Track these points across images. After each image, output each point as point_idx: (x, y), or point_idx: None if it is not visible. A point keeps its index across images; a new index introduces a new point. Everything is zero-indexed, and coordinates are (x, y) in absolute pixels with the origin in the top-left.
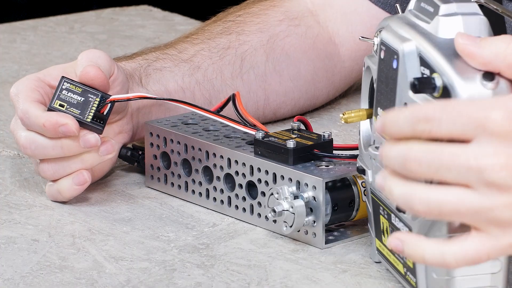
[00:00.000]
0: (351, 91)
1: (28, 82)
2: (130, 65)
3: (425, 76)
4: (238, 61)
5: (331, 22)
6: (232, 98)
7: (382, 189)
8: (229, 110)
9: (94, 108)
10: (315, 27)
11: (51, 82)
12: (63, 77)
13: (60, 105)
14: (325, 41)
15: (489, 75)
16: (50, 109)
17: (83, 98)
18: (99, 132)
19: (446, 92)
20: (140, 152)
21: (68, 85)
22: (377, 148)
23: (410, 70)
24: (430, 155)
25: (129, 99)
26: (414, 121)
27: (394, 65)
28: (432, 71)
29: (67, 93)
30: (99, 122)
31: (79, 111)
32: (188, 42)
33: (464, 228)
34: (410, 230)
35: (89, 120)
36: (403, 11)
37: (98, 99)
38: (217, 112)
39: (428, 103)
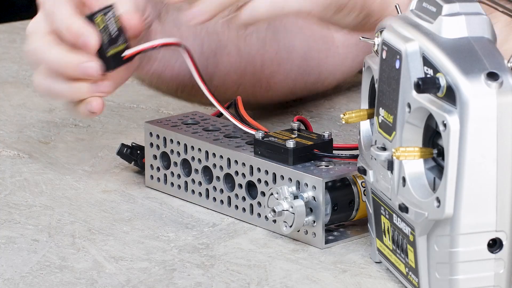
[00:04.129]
0: (343, 89)
1: None
2: None
3: (428, 76)
4: None
5: None
6: (234, 103)
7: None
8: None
9: (116, 50)
10: None
11: None
12: (113, 5)
13: (98, 23)
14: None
15: (493, 75)
16: (89, 17)
17: (116, 33)
18: (107, 69)
19: (450, 92)
20: (138, 152)
21: (113, 15)
22: (379, 148)
23: (413, 70)
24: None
25: (140, 52)
26: None
27: (397, 65)
28: (436, 71)
29: (109, 20)
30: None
31: (107, 40)
32: None
33: None
34: (413, 230)
35: (108, 55)
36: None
37: (123, 47)
38: (218, 116)
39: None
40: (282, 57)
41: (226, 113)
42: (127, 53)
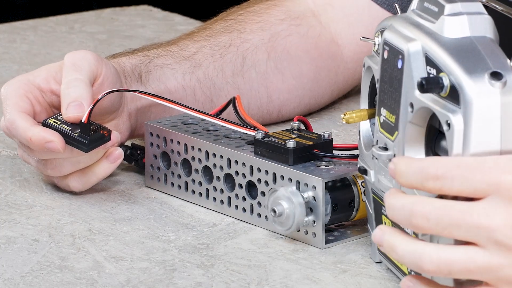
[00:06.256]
0: (353, 92)
1: (17, 86)
2: (130, 62)
3: (432, 75)
4: (240, 59)
5: (333, 23)
6: (233, 102)
7: (380, 244)
8: (231, 112)
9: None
10: (317, 27)
11: (40, 85)
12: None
13: (54, 122)
14: (328, 42)
15: (497, 74)
16: (44, 123)
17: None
18: (85, 146)
19: (453, 92)
20: (138, 152)
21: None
22: (380, 148)
23: (416, 70)
24: (439, 212)
25: (91, 110)
26: (424, 176)
27: (399, 65)
28: (439, 70)
29: (61, 118)
30: (86, 136)
31: (70, 128)
32: (189, 39)
33: None
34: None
35: (76, 135)
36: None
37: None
38: (217, 115)
39: (439, 160)
40: (291, 84)
41: (220, 122)
42: (85, 116)
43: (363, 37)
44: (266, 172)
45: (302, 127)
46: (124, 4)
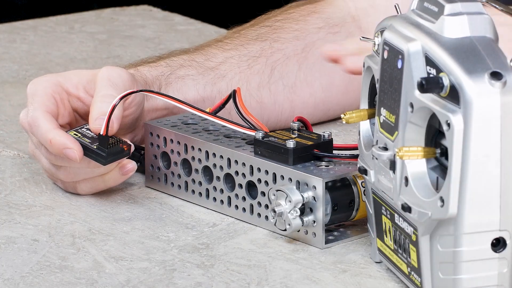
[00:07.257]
0: None
1: (46, 85)
2: (151, 73)
3: (432, 75)
4: (268, 70)
5: (374, 26)
6: (233, 95)
7: None
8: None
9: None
10: (355, 33)
11: (69, 89)
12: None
13: (74, 134)
14: None
15: (497, 74)
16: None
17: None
18: (103, 158)
19: (453, 92)
20: (142, 152)
21: (87, 129)
22: (380, 148)
23: (416, 70)
24: None
25: (109, 118)
26: None
27: (399, 65)
28: (439, 70)
29: (86, 130)
30: (105, 149)
31: (89, 141)
32: (219, 47)
33: None
34: (416, 230)
35: (95, 147)
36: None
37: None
38: (218, 109)
39: None
40: (318, 98)
41: (222, 122)
42: (103, 128)
43: (363, 37)
44: (266, 172)
45: (302, 127)
46: (124, 4)
